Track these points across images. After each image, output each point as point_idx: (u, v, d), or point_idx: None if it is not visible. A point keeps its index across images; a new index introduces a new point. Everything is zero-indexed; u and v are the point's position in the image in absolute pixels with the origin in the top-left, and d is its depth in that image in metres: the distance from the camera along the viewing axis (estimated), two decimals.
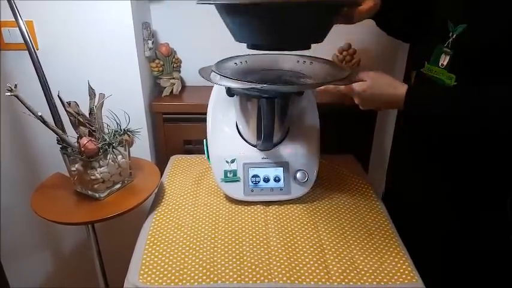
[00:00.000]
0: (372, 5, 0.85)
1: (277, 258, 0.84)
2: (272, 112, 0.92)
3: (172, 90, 1.36)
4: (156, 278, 0.80)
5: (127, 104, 1.13)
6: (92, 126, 0.99)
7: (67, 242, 1.52)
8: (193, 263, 0.83)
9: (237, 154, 1.04)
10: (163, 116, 1.31)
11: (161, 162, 1.33)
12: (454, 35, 0.77)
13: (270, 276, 0.79)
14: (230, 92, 0.97)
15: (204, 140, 1.07)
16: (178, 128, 1.33)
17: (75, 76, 1.19)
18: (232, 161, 1.04)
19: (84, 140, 0.94)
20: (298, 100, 1.05)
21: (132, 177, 1.07)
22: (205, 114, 1.08)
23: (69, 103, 0.96)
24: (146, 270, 0.82)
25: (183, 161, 1.25)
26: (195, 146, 1.37)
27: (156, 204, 1.04)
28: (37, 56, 1.04)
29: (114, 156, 1.00)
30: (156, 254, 0.86)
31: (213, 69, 0.89)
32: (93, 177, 0.97)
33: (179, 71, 1.38)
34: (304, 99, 1.06)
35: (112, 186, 1.03)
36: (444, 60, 0.79)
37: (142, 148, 1.31)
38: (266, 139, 0.96)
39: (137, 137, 1.05)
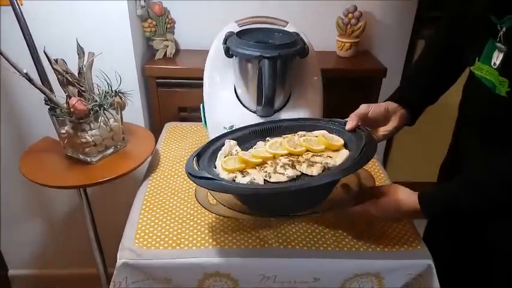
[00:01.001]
0: (396, 125, 0.85)
1: (276, 223, 0.84)
2: (274, 74, 0.91)
3: (165, 53, 1.33)
4: (153, 242, 0.80)
5: (118, 66, 1.10)
6: (82, 86, 0.97)
7: (59, 209, 1.52)
8: (190, 228, 0.83)
9: (236, 120, 1.02)
10: (157, 80, 1.28)
11: (155, 129, 1.31)
12: (504, 28, 0.65)
13: (270, 241, 0.80)
14: (229, 52, 0.95)
15: (201, 105, 1.06)
16: (172, 94, 1.31)
17: (63, 34, 1.15)
18: (231, 128, 1.02)
19: (73, 100, 0.92)
20: (301, 62, 1.03)
21: (126, 142, 1.06)
22: (201, 80, 1.06)
23: (56, 60, 0.93)
24: (142, 234, 0.82)
25: (178, 128, 1.24)
26: (191, 113, 1.35)
27: (151, 170, 1.03)
28: (21, 12, 1.00)
29: (106, 119, 0.98)
30: (152, 218, 0.86)
31: None
32: (83, 140, 0.96)
33: (173, 33, 1.35)
34: (307, 61, 1.04)
35: (104, 151, 1.01)
36: (497, 58, 0.67)
37: (135, 114, 1.29)
38: (267, 104, 0.95)
39: (129, 100, 1.03)
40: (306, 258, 0.77)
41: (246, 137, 0.89)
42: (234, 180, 0.73)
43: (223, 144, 0.85)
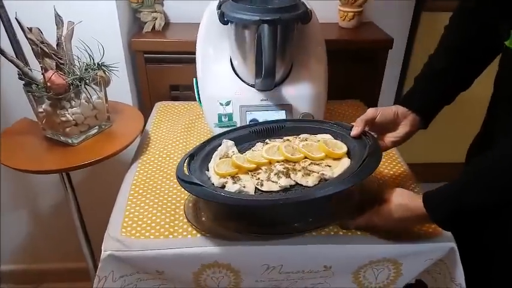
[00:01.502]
0: (407, 130, 0.78)
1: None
2: (274, 41, 0.82)
3: (154, 26, 1.23)
4: (142, 231, 0.72)
5: (102, 39, 1.00)
6: (60, 58, 0.87)
7: (45, 198, 1.43)
8: (181, 217, 0.75)
9: (233, 95, 0.94)
10: (145, 55, 1.19)
11: (145, 109, 1.22)
12: None
13: None
14: (224, 18, 0.86)
15: (194, 79, 0.97)
16: (162, 70, 1.21)
17: (39, 2, 1.04)
18: (227, 104, 0.94)
19: (50, 73, 0.83)
20: (303, 30, 0.94)
21: (111, 121, 0.97)
22: (194, 54, 0.97)
23: (30, 29, 0.83)
24: (130, 222, 0.74)
25: (169, 108, 1.15)
26: (183, 92, 1.26)
27: (141, 153, 0.94)
28: None
29: (88, 96, 0.89)
30: (142, 204, 0.78)
31: None
32: (63, 118, 0.87)
33: (162, 4, 1.25)
34: (309, 29, 0.95)
35: (87, 131, 0.92)
36: None
37: (122, 93, 1.20)
38: (267, 75, 0.86)
39: (115, 75, 0.93)
40: (315, 245, 0.70)
41: (245, 136, 0.84)
42: (224, 186, 0.68)
43: (220, 144, 0.80)
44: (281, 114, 0.94)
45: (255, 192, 0.68)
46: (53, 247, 1.54)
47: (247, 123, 0.93)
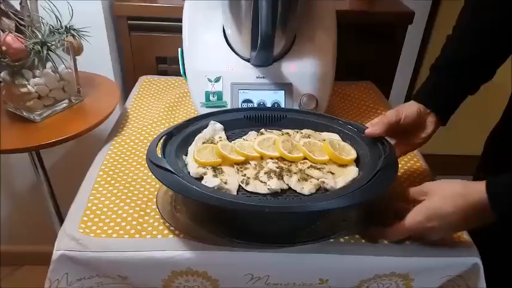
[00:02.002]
0: (431, 131, 0.68)
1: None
2: (273, 6, 0.69)
3: None
4: (104, 228, 0.61)
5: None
6: (21, 19, 0.75)
7: (20, 179, 1.32)
8: (153, 212, 0.64)
9: (224, 70, 0.82)
10: (129, 22, 1.06)
11: (129, 84, 1.11)
12: None
13: None
14: None
15: (179, 50, 0.84)
16: (149, 40, 1.09)
17: None
18: (217, 80, 0.82)
19: (6, 36, 0.70)
20: None
21: (83, 95, 0.85)
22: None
23: None
24: (91, 216, 0.63)
25: (155, 83, 1.03)
26: (172, 65, 1.14)
27: (115, 132, 0.83)
28: None
29: (54, 65, 0.76)
30: (108, 195, 0.67)
31: None
32: (23, 90, 0.75)
33: None
34: None
35: (53, 106, 0.81)
36: None
37: (102, 64, 1.08)
38: (263, 47, 0.74)
39: (87, 41, 0.81)
40: (309, 254, 0.58)
41: (238, 121, 0.72)
42: (202, 178, 0.57)
43: (207, 126, 0.68)
44: (279, 95, 0.82)
45: (237, 191, 0.57)
46: (32, 230, 1.45)
47: (240, 104, 0.81)
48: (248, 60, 0.82)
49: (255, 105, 0.81)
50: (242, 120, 0.72)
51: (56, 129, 0.78)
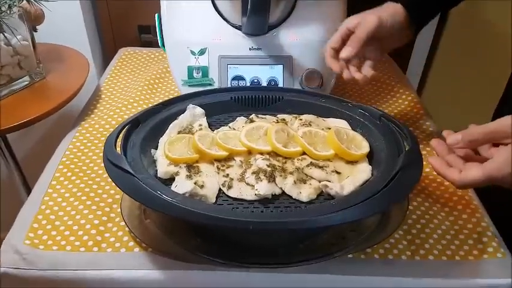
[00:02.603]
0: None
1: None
2: None
3: None
4: (57, 238, 0.50)
5: None
6: None
7: None
8: (118, 218, 0.53)
9: (210, 41, 0.69)
10: None
11: (108, 58, 0.98)
12: None
13: None
14: None
15: (156, 16, 0.71)
16: (130, 6, 0.95)
17: None
18: (202, 52, 0.69)
19: None
20: None
21: (43, 71, 0.73)
22: None
23: None
24: (44, 222, 0.52)
25: (135, 56, 0.91)
26: (156, 36, 1.00)
27: (83, 117, 0.71)
28: None
29: (5, 36, 0.64)
30: (66, 195, 0.56)
31: None
32: None
33: None
34: None
35: (8, 85, 0.69)
36: None
37: (76, 37, 0.94)
38: (257, 11, 0.61)
39: (47, 8, 0.68)
40: (309, 275, 0.47)
41: (223, 105, 0.60)
42: (174, 179, 0.47)
43: (183, 111, 0.56)
44: (277, 71, 0.69)
45: (217, 197, 0.45)
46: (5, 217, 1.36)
47: (229, 82, 0.68)
48: (239, 28, 0.70)
49: (248, 83, 0.69)
50: (228, 103, 0.60)
51: (13, 112, 0.67)
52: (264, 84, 0.69)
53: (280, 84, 0.69)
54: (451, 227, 0.54)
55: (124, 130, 0.50)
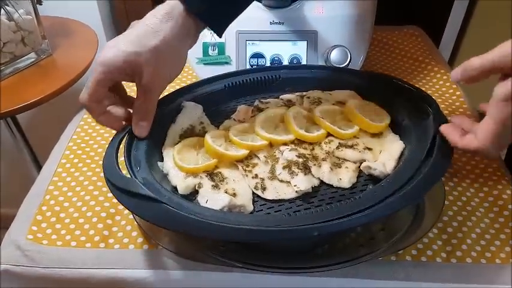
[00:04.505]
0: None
1: None
2: None
3: None
4: (61, 232, 0.47)
5: None
6: None
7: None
8: (126, 211, 0.48)
9: None
10: None
11: (119, 31, 0.92)
12: None
13: None
14: None
15: None
16: None
17: None
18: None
19: None
20: None
21: (49, 48, 0.68)
22: None
23: None
24: (48, 214, 0.49)
25: None
26: None
27: None
28: None
29: (6, 11, 0.59)
30: (72, 183, 0.52)
31: None
32: None
33: None
34: None
35: (12, 63, 0.64)
36: None
37: (87, 10, 0.88)
38: None
39: None
40: (332, 278, 0.43)
41: (216, 95, 0.53)
42: (196, 195, 0.41)
43: (178, 110, 0.49)
44: (300, 48, 0.63)
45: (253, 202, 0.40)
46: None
47: (247, 60, 0.62)
48: (260, 0, 0.62)
49: (268, 61, 0.62)
50: (222, 92, 0.53)
51: (18, 92, 0.63)
52: (286, 62, 0.62)
53: (304, 62, 0.62)
54: (491, 225, 0.48)
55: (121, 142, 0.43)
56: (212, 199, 0.39)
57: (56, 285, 0.44)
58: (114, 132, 0.44)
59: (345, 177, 0.41)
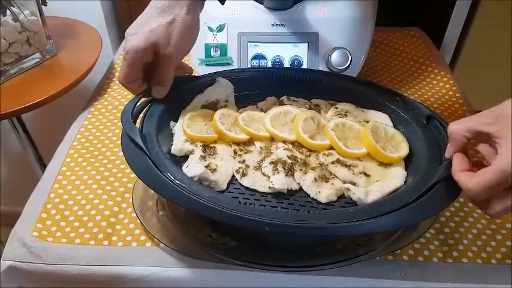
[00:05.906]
0: None
1: None
2: None
3: None
4: (66, 230, 0.48)
5: None
6: None
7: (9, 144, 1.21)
8: (130, 208, 0.49)
9: (229, 16, 0.64)
10: None
11: (123, 32, 0.92)
12: None
13: None
14: None
15: None
16: None
17: None
18: (220, 29, 0.64)
19: None
20: None
21: (54, 48, 0.69)
22: None
23: None
24: (52, 212, 0.49)
25: None
26: None
27: (96, 97, 0.67)
28: None
29: (11, 11, 0.60)
30: (77, 182, 0.53)
31: None
32: None
33: None
34: None
35: (17, 63, 0.65)
36: None
37: (90, 10, 0.89)
38: None
39: None
40: (330, 277, 0.43)
41: (257, 81, 0.55)
42: (187, 158, 0.43)
43: (210, 83, 0.52)
44: (301, 49, 0.63)
45: (227, 185, 0.42)
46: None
47: (249, 61, 0.63)
48: (261, 2, 0.63)
49: (269, 63, 0.63)
50: (262, 80, 0.55)
51: (23, 92, 0.63)
52: (287, 65, 0.63)
53: (305, 64, 0.63)
54: (487, 226, 0.49)
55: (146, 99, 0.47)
56: (191, 166, 0.41)
57: (60, 281, 0.45)
58: (118, 130, 0.46)
59: (324, 192, 0.41)
